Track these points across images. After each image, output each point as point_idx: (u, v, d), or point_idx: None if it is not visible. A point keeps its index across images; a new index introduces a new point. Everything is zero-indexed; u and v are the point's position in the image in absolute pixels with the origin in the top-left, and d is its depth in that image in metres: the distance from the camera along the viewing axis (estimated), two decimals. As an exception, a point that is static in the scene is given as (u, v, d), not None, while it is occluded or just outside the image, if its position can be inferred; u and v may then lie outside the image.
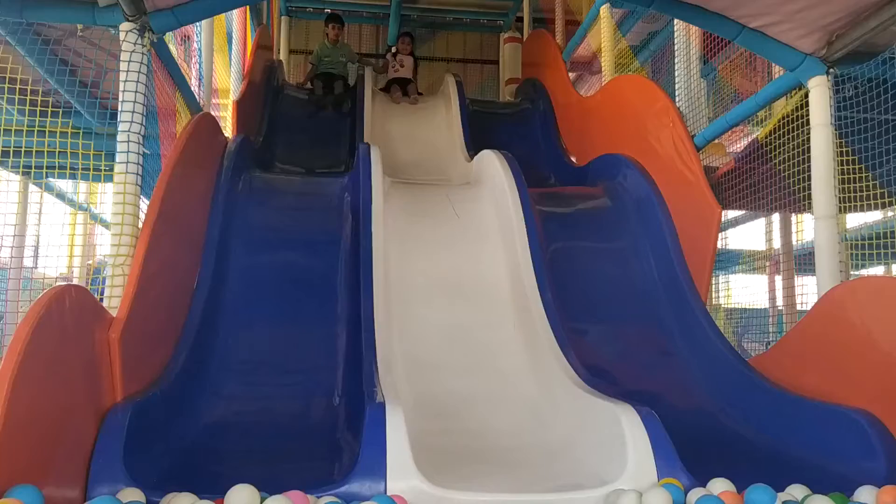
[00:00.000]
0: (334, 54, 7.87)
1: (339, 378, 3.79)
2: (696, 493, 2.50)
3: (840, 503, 2.48)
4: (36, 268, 5.86)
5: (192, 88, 4.83)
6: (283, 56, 9.97)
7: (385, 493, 2.48)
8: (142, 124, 3.48)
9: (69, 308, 2.44)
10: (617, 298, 4.58)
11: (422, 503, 2.45)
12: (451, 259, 4.62)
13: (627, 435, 2.78)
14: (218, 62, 5.89)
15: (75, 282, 5.61)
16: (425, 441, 3.08)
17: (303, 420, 3.56)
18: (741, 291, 6.37)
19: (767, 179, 4.79)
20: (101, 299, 3.21)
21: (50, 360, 2.27)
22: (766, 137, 4.88)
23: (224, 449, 3.30)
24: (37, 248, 6.02)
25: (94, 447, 2.53)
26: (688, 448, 2.82)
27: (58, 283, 2.87)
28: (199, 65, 5.15)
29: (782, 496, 2.50)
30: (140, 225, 3.44)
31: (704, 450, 3.21)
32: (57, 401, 2.32)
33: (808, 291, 5.02)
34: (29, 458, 2.09)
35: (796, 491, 2.57)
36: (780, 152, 4.61)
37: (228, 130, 5.84)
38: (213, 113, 5.22)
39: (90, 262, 6.97)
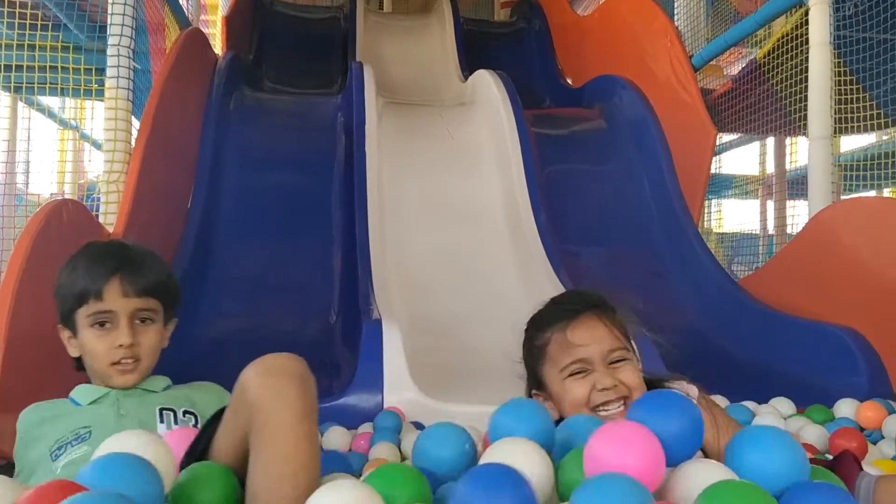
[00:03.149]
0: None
1: (335, 296, 3.82)
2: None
3: (821, 415, 2.56)
4: (28, 184, 5.81)
5: (181, 2, 4.72)
6: (272, -28, 9.69)
7: (382, 405, 2.55)
8: (132, 38, 3.41)
9: (67, 221, 2.44)
10: (611, 220, 4.60)
11: (417, 414, 2.51)
12: (446, 180, 4.61)
13: (618, 351, 2.84)
14: (206, -24, 5.74)
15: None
16: (420, 357, 3.10)
17: (300, 337, 3.60)
18: (733, 216, 6.41)
19: (764, 100, 4.76)
20: (97, 217, 3.21)
21: (51, 271, 2.28)
22: (765, 57, 4.82)
23: (222, 364, 3.33)
24: (27, 167, 5.95)
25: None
26: (677, 365, 2.88)
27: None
28: (188, -22, 5.02)
29: (765, 408, 2.58)
30: (132, 142, 3.41)
31: (693, 367, 3.26)
32: (59, 314, 2.34)
33: (800, 213, 5.06)
34: (33, 371, 2.13)
35: (780, 405, 2.65)
36: (777, 72, 4.57)
37: (218, 48, 5.73)
38: (202, 29, 5.11)
39: (82, 181, 6.91)
